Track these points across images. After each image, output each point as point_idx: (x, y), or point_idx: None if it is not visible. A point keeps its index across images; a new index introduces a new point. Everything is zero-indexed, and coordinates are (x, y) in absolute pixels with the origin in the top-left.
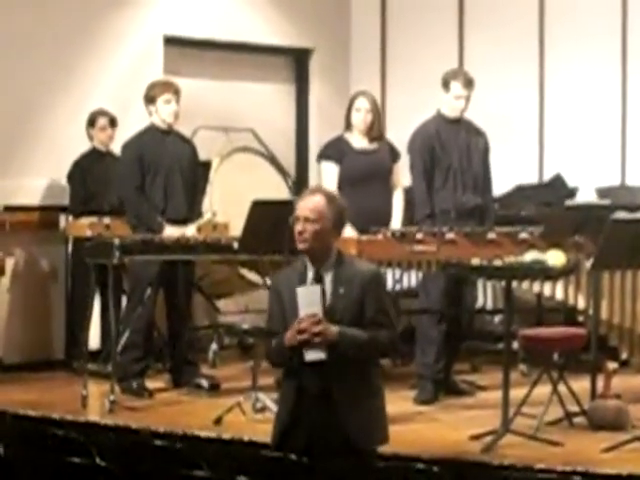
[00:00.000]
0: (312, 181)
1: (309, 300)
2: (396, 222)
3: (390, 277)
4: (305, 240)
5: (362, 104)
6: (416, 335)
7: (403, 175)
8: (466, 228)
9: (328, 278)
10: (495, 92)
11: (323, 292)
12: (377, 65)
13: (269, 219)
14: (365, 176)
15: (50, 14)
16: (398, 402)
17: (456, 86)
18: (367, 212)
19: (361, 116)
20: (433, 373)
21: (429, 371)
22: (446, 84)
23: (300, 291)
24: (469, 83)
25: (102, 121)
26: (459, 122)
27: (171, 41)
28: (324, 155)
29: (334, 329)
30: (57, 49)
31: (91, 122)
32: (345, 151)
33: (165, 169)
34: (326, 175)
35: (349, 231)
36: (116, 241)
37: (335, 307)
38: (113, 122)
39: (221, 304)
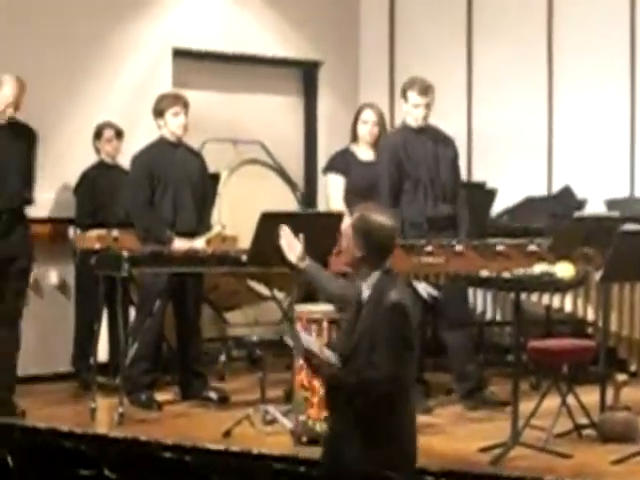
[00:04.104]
0: (320, 193)
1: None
2: None
3: None
4: None
5: (369, 116)
6: None
7: None
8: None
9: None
10: (504, 105)
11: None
12: (386, 78)
13: (278, 231)
14: (370, 188)
15: (58, 28)
16: None
17: (412, 95)
18: None
19: (367, 128)
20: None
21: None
22: (404, 94)
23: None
24: (426, 90)
25: (108, 133)
26: (425, 131)
27: (180, 53)
28: (330, 167)
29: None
30: (66, 62)
31: (97, 134)
32: (351, 163)
33: (174, 182)
34: (332, 187)
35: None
36: (125, 254)
37: (357, 329)
38: (119, 134)
39: (230, 316)
